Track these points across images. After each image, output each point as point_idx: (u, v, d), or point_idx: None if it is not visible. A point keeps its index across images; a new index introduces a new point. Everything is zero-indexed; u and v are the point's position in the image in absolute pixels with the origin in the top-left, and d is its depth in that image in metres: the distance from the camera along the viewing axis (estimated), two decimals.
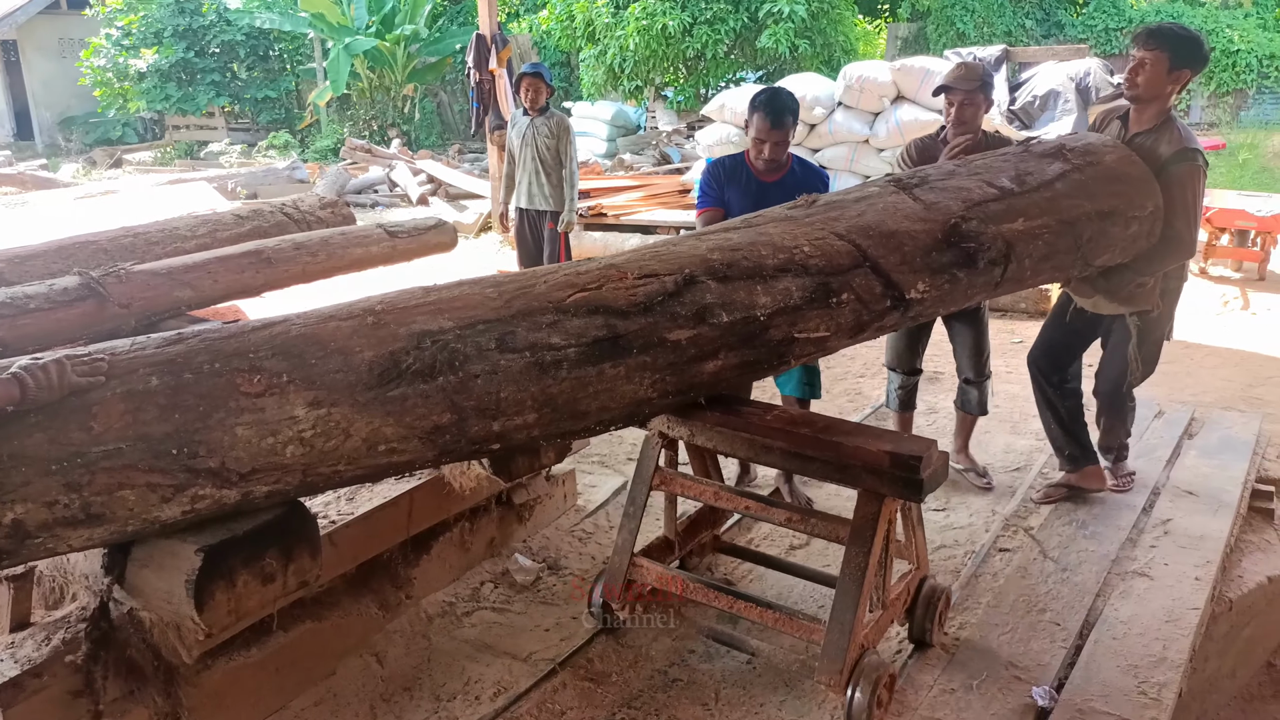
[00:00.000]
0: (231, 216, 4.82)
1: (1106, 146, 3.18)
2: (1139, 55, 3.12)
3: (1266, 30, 15.94)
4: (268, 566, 2.21)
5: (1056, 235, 2.86)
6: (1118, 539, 3.35)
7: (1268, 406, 4.73)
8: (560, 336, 2.07)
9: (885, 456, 2.27)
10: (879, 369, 5.46)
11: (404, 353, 1.96)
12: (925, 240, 2.59)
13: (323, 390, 1.91)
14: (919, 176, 2.87)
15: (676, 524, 2.96)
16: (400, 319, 2.02)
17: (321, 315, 2.04)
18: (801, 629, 2.50)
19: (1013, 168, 2.98)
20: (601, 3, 13.82)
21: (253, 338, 1.95)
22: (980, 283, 2.73)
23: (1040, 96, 7.72)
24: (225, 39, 19.09)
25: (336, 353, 1.94)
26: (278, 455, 1.89)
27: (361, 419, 1.92)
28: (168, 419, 1.81)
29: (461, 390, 1.98)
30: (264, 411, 1.87)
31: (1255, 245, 7.46)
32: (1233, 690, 3.38)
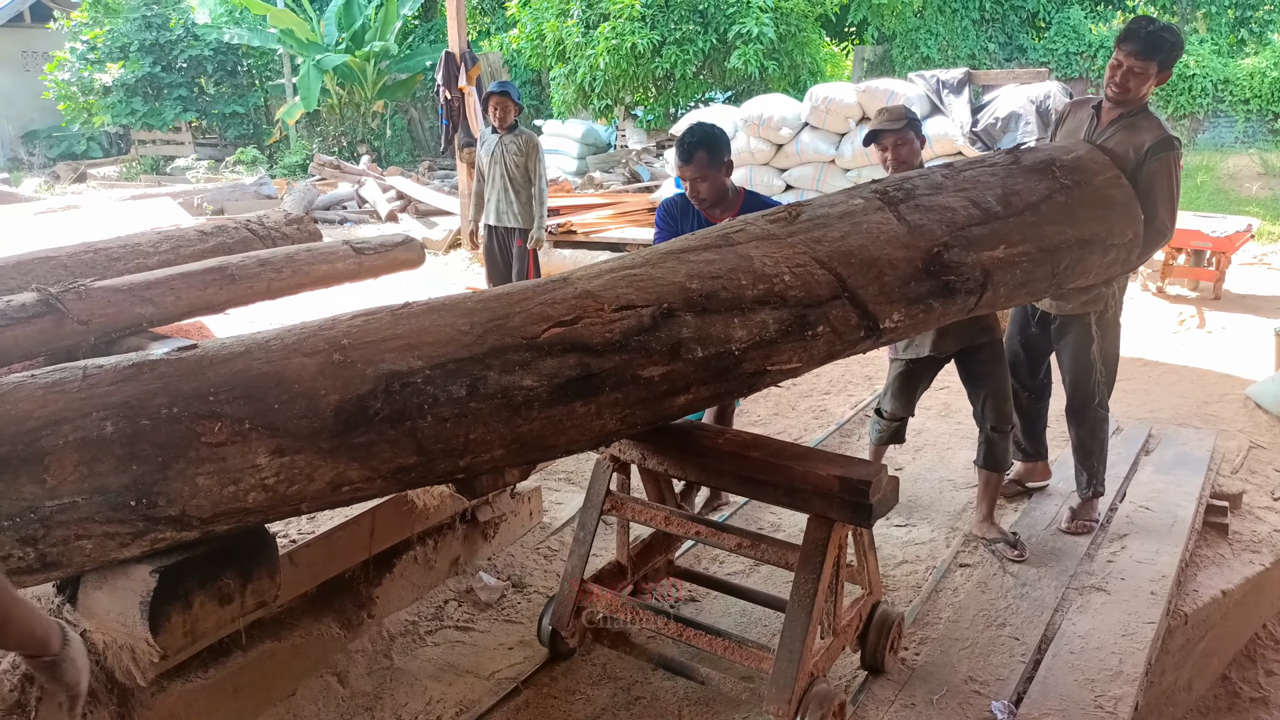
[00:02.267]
0: (195, 233, 4.79)
1: (1097, 164, 3.11)
2: (1129, 62, 3.08)
3: (1221, 56, 16.33)
4: (225, 587, 2.18)
5: (1035, 264, 2.81)
6: (1075, 554, 3.40)
7: (1222, 423, 4.82)
8: (533, 378, 1.99)
9: (835, 481, 2.25)
10: (844, 385, 5.51)
11: (372, 397, 1.89)
12: (906, 270, 2.52)
13: (286, 438, 1.84)
14: (905, 189, 2.76)
15: (629, 548, 2.91)
16: (368, 356, 1.94)
17: (285, 348, 1.96)
18: (751, 657, 2.46)
19: (1000, 184, 2.89)
20: (571, 22, 13.89)
21: (212, 375, 1.88)
22: (954, 311, 2.69)
23: (1002, 118, 7.85)
24: (193, 54, 18.96)
25: (301, 396, 1.87)
26: (240, 501, 1.85)
27: (326, 465, 1.87)
28: (125, 470, 1.75)
29: (429, 433, 1.93)
30: (225, 461, 1.82)
31: (1211, 265, 7.62)
32: (1189, 703, 3.43)
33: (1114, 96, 3.18)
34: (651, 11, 13.41)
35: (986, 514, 3.54)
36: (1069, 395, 3.56)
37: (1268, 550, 3.63)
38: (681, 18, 13.52)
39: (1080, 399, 3.52)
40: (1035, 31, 17.75)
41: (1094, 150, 3.17)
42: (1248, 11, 17.21)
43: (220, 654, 2.50)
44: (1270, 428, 4.81)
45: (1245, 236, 7.81)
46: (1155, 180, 3.13)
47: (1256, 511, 3.92)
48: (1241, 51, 16.76)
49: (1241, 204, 11.09)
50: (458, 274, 9.29)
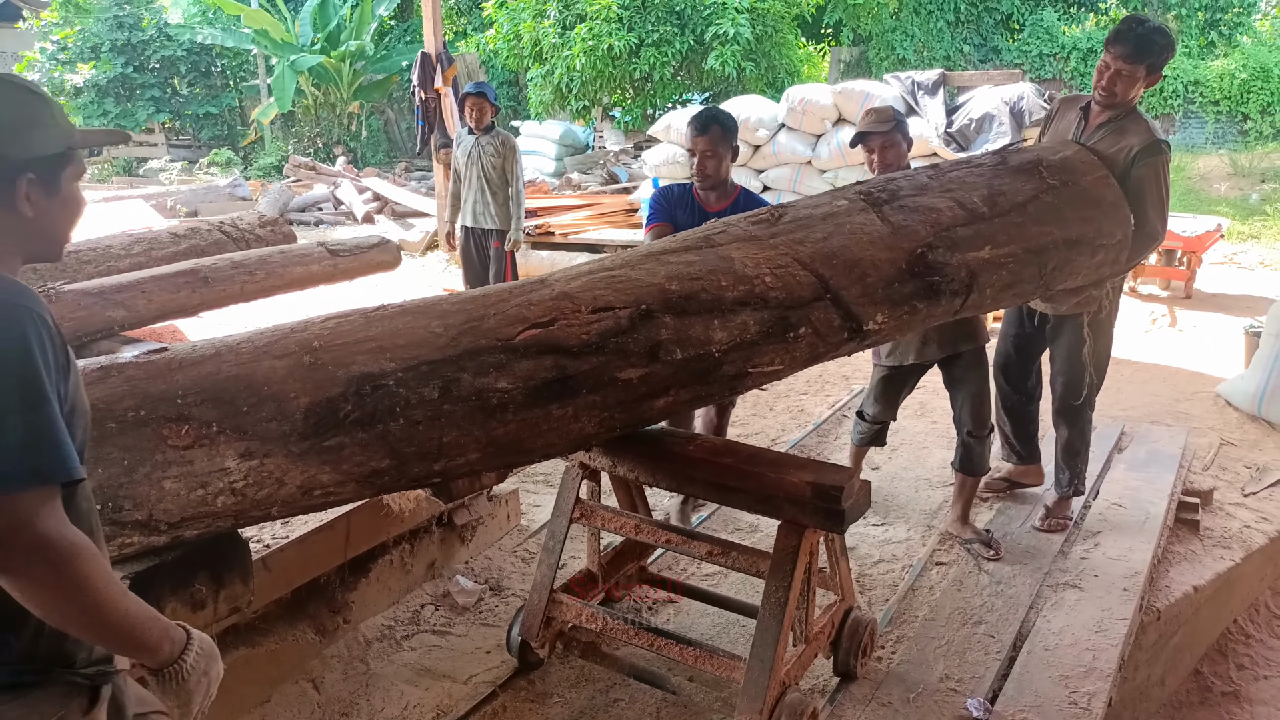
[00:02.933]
0: (167, 235, 4.75)
1: (1083, 164, 3.08)
2: (1117, 65, 3.05)
3: (1191, 58, 16.54)
4: (197, 593, 2.18)
5: (1022, 265, 2.78)
6: (1050, 551, 3.43)
7: (1193, 420, 4.89)
8: (508, 380, 1.98)
9: (807, 487, 2.23)
10: (822, 385, 5.53)
11: (342, 399, 1.87)
12: (889, 270, 2.49)
13: (255, 440, 1.83)
14: (890, 190, 2.74)
15: (600, 556, 2.88)
16: (339, 359, 1.92)
17: (255, 350, 1.95)
18: (722, 666, 2.43)
19: (986, 184, 2.85)
20: (548, 23, 13.87)
21: (180, 378, 1.87)
22: (939, 313, 2.67)
23: (976, 119, 7.91)
24: (166, 54, 18.79)
25: (270, 399, 1.86)
26: (208, 505, 1.84)
27: (296, 468, 1.86)
28: (90, 474, 1.70)
29: (401, 436, 1.91)
30: (193, 464, 1.81)
31: (1182, 264, 7.72)
32: (1162, 698, 3.47)
33: (1101, 99, 3.16)
34: (628, 13, 13.41)
35: (961, 514, 3.55)
36: (1059, 395, 3.54)
37: (1238, 546, 3.67)
38: (658, 19, 13.54)
39: (1071, 399, 3.51)
40: (1009, 33, 17.91)
41: (1082, 150, 3.13)
42: (1217, 14, 17.44)
43: None
44: (1240, 425, 4.88)
45: (1215, 236, 7.92)
46: (1144, 184, 3.12)
47: (1227, 508, 3.97)
48: (1211, 53, 16.98)
49: (1212, 204, 11.24)
50: (435, 276, 9.26)
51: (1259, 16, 18.22)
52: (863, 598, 3.22)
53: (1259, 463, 4.42)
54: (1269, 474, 4.29)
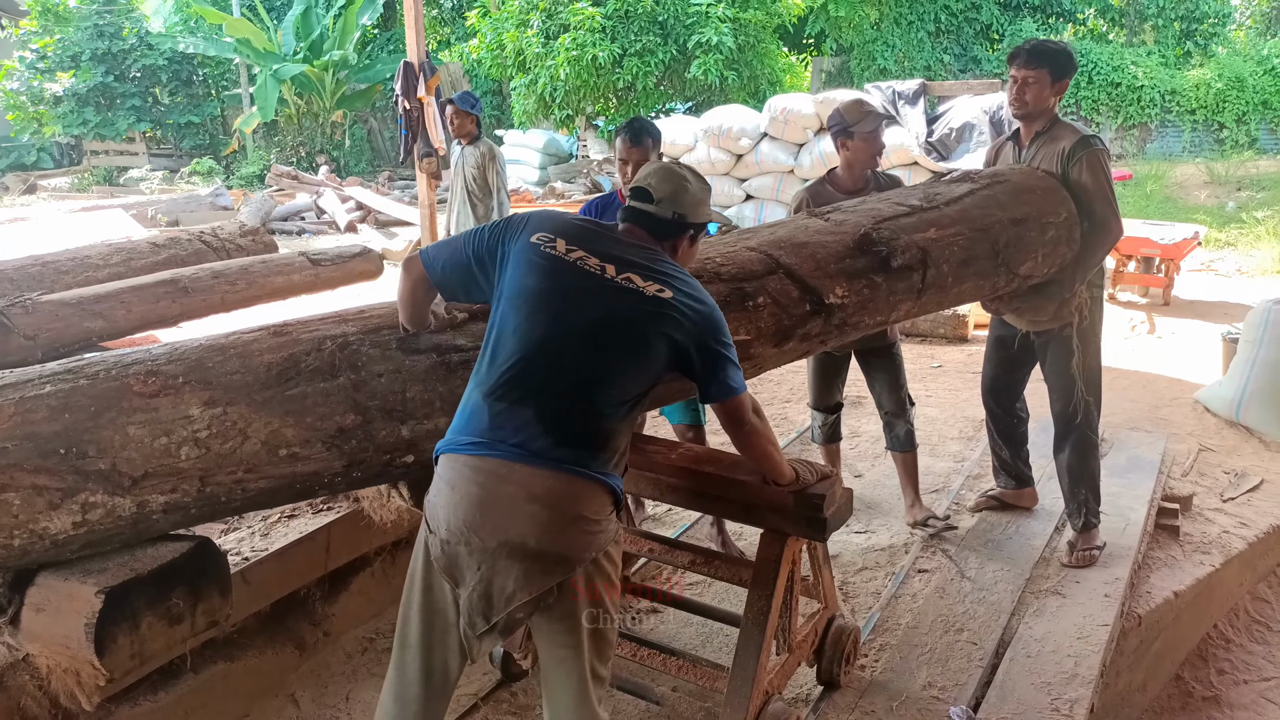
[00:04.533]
0: (147, 244, 4.72)
1: (1012, 169, 3.30)
2: (1021, 75, 3.18)
3: (1168, 67, 16.75)
4: (174, 607, 2.14)
5: (972, 241, 2.93)
6: (1031, 558, 3.45)
7: (1172, 427, 4.92)
8: (466, 338, 2.10)
9: (789, 495, 2.25)
10: (804, 393, 5.53)
11: (304, 354, 1.97)
12: (837, 248, 2.66)
13: (219, 390, 1.89)
14: (831, 207, 2.97)
15: None
16: (302, 329, 2.05)
17: (226, 333, 2.07)
18: (705, 676, 2.44)
19: (921, 191, 3.09)
20: (531, 33, 13.88)
21: (155, 350, 1.98)
22: (901, 288, 2.76)
23: (956, 129, 7.98)
24: (147, 63, 18.69)
25: (235, 356, 1.95)
26: (172, 457, 1.86)
27: (259, 419, 1.90)
28: (57, 419, 1.79)
29: (363, 389, 1.97)
30: (157, 411, 1.85)
31: (1160, 271, 7.79)
32: (1143, 704, 3.48)
33: (1016, 112, 3.26)
34: (612, 23, 13.45)
35: (914, 499, 3.70)
36: (1057, 415, 3.47)
37: (1217, 551, 3.70)
38: (641, 29, 13.58)
39: (1065, 418, 3.43)
40: (989, 43, 18.07)
41: (1008, 164, 3.34)
42: (1193, 24, 17.67)
43: (170, 676, 2.44)
44: (1219, 431, 4.91)
45: (1193, 244, 8.00)
46: (1084, 180, 3.19)
47: (1206, 513, 4.00)
48: (1188, 63, 17.19)
49: (1189, 212, 11.35)
50: None
51: (1233, 27, 18.46)
52: (846, 605, 3.22)
53: (1237, 468, 4.45)
54: (1247, 479, 4.32)
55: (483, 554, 1.78)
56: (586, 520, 1.81)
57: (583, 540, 1.81)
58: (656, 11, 13.66)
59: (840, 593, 3.31)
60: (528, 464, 1.78)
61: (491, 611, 1.80)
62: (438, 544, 1.83)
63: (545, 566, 1.78)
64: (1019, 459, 3.79)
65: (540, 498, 1.77)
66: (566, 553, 1.80)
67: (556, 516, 1.78)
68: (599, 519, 1.83)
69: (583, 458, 1.82)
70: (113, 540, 1.96)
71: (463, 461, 1.82)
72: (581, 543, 1.81)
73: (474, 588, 1.80)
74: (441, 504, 1.83)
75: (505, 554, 1.77)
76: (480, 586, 1.79)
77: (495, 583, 1.78)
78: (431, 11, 20.18)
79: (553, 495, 1.78)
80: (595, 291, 1.86)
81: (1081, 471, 3.46)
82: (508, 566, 1.77)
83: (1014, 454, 3.78)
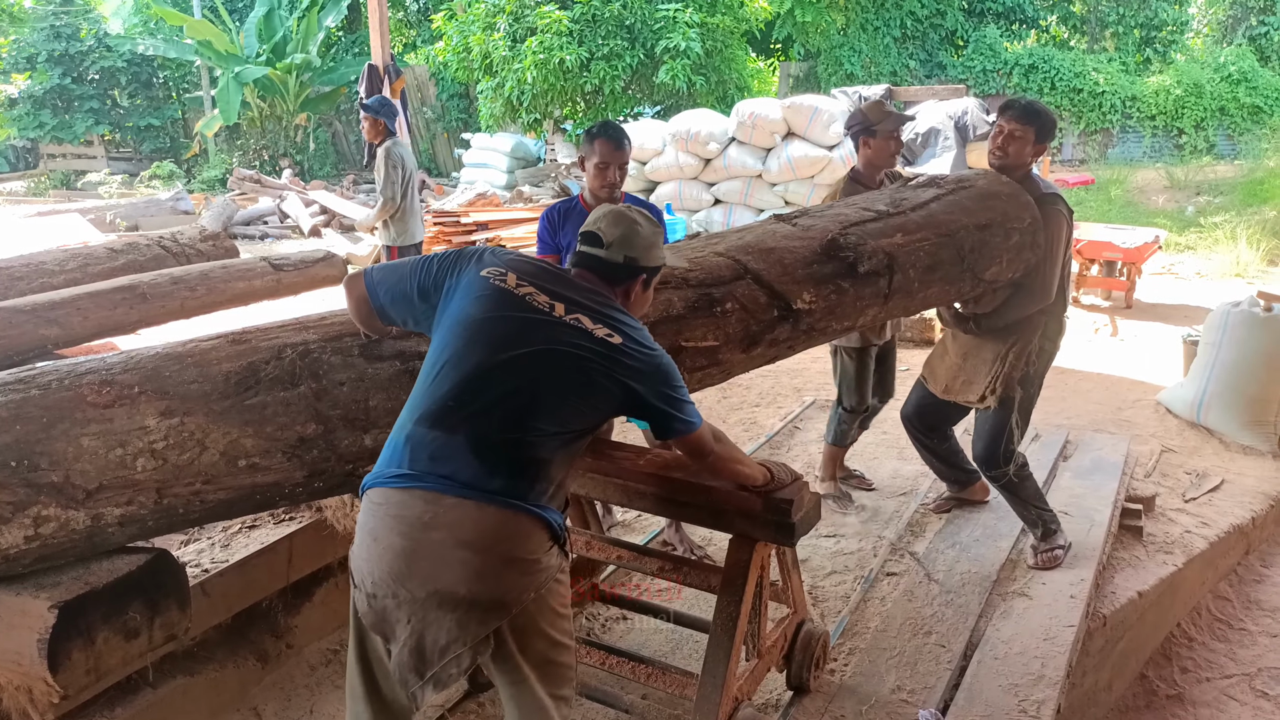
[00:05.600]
0: (104, 250, 4.64)
1: (977, 174, 3.34)
2: (1009, 128, 3.21)
3: (1129, 74, 17.03)
4: (131, 621, 2.09)
5: (938, 246, 2.94)
6: (998, 560, 3.47)
7: (1135, 428, 4.98)
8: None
9: (757, 500, 2.23)
10: (774, 397, 5.55)
11: (263, 362, 1.93)
12: (805, 254, 2.66)
13: (176, 400, 1.85)
14: (798, 211, 2.97)
15: None
16: (262, 336, 2.01)
17: (184, 340, 2.02)
18: (674, 683, 2.42)
19: (888, 197, 3.11)
20: (498, 36, 13.82)
21: (110, 360, 1.93)
22: (868, 294, 2.77)
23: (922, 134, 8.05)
24: (105, 65, 18.39)
25: (193, 365, 1.91)
26: (128, 469, 1.81)
27: (218, 429, 1.86)
28: (8, 430, 1.75)
29: (325, 397, 1.93)
30: (112, 422, 1.81)
31: (1122, 275, 7.90)
32: (1109, 703, 3.51)
33: (994, 161, 3.29)
34: (579, 27, 13.43)
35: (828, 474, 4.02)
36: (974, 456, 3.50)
37: (1180, 551, 3.74)
38: (609, 33, 13.57)
39: (985, 463, 3.44)
40: (954, 49, 18.27)
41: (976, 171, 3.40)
42: (1152, 32, 17.99)
43: (128, 691, 2.38)
44: (1180, 432, 4.99)
45: (1154, 247, 8.13)
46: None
47: (1169, 514, 4.05)
48: (1147, 70, 17.50)
49: (1150, 216, 11.53)
50: None
51: (1191, 35, 18.82)
52: (815, 610, 3.22)
53: (1198, 469, 4.52)
54: (1208, 479, 4.39)
55: (412, 606, 1.68)
56: (522, 561, 1.72)
57: (520, 582, 1.72)
58: (624, 16, 13.66)
59: (810, 597, 3.31)
60: (459, 496, 1.69)
61: (425, 666, 1.71)
62: (364, 599, 1.74)
63: (480, 615, 1.69)
64: (957, 466, 3.82)
65: (470, 542, 1.68)
66: (503, 598, 1.71)
67: (489, 561, 1.69)
68: (536, 557, 1.75)
69: (516, 489, 1.73)
70: (67, 554, 1.92)
71: (387, 504, 1.72)
72: (518, 585, 1.72)
73: (405, 642, 1.70)
74: (365, 556, 1.74)
75: (436, 604, 1.67)
76: (411, 641, 1.70)
77: (428, 635, 1.69)
78: (397, 14, 20.06)
79: (484, 538, 1.69)
80: (540, 325, 1.82)
81: (1025, 497, 3.46)
82: (439, 617, 1.68)
83: (948, 464, 3.82)
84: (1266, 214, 10.36)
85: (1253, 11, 17.73)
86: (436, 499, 1.69)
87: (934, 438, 3.74)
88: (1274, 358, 4.71)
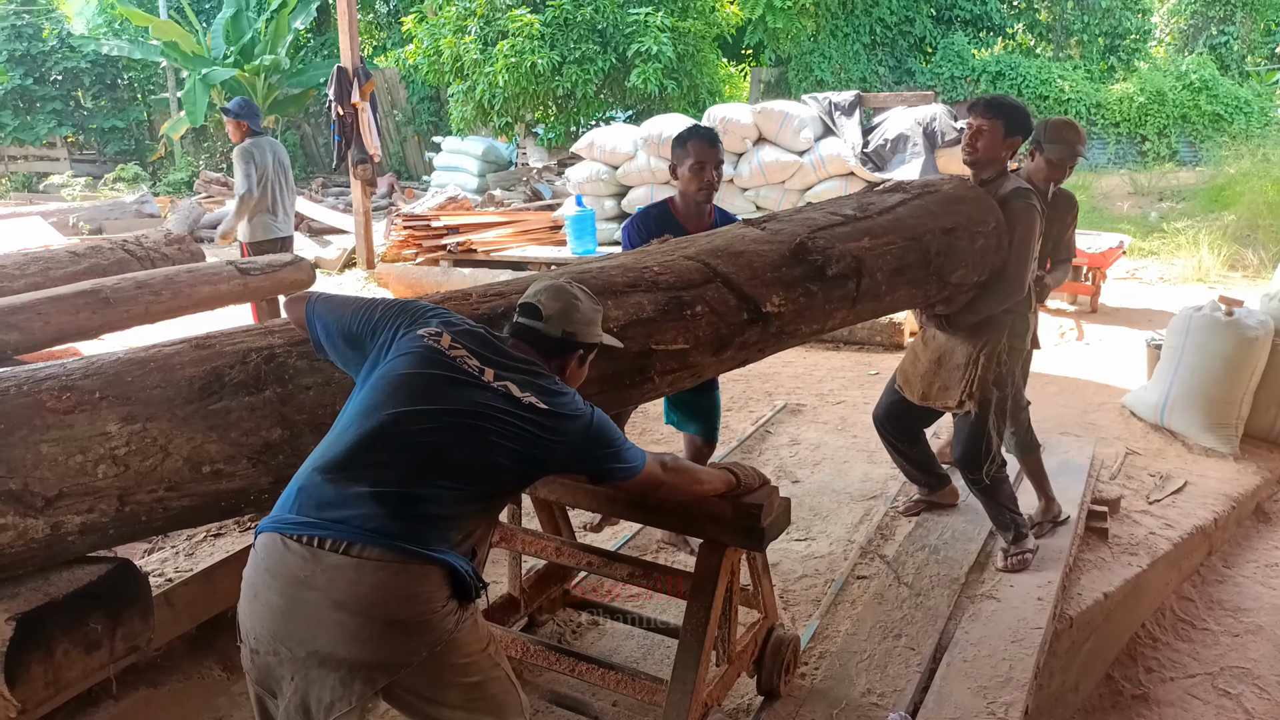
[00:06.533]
0: (66, 253, 4.56)
1: (943, 179, 3.36)
2: (976, 123, 3.23)
3: (1094, 81, 17.28)
4: (92, 633, 2.06)
5: (904, 250, 2.96)
6: (966, 563, 3.49)
7: (1101, 431, 5.05)
8: None
9: (727, 506, 2.22)
10: (746, 401, 5.57)
11: (228, 367, 1.91)
12: (773, 257, 2.67)
13: (138, 405, 1.83)
14: (767, 215, 2.99)
15: (522, 580, 2.84)
16: (226, 341, 1.99)
17: (146, 345, 2.00)
18: (644, 690, 2.40)
19: (855, 201, 3.14)
20: (469, 39, 13.77)
21: (70, 366, 1.89)
22: (837, 297, 2.79)
23: (891, 140, 8.11)
24: (68, 66, 18.14)
25: (155, 370, 1.88)
26: (88, 475, 1.78)
27: (181, 435, 1.83)
28: None
29: (291, 402, 1.91)
30: (73, 428, 1.78)
31: (1088, 280, 8.00)
32: (1075, 703, 3.55)
33: (966, 158, 3.30)
34: (551, 30, 13.41)
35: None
36: (954, 459, 3.53)
37: (1145, 552, 3.79)
38: (581, 37, 13.57)
39: (965, 465, 3.45)
40: (923, 56, 18.45)
41: (940, 175, 3.35)
42: (1116, 40, 18.27)
43: (89, 704, 2.35)
44: (1145, 435, 5.05)
45: (1118, 252, 8.25)
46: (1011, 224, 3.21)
47: (1134, 515, 4.10)
48: (1111, 78, 17.76)
49: (1114, 221, 11.70)
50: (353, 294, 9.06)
51: (1154, 43, 19.14)
52: (786, 613, 3.23)
53: (1162, 471, 4.58)
54: (1172, 481, 4.45)
55: (294, 664, 1.62)
56: (405, 624, 1.62)
57: (406, 644, 1.63)
58: (596, 20, 13.67)
59: (781, 601, 3.31)
60: (342, 552, 1.59)
61: None
62: (248, 654, 1.68)
63: (365, 675, 1.62)
64: (927, 470, 3.86)
65: (346, 604, 1.58)
66: (387, 660, 1.63)
67: (367, 624, 1.59)
68: (424, 618, 1.63)
69: (417, 535, 1.64)
70: (26, 564, 1.88)
71: (267, 558, 1.65)
72: (405, 647, 1.63)
73: (290, 699, 1.64)
74: (247, 611, 1.68)
75: (318, 663, 1.61)
76: (296, 699, 1.64)
77: (311, 693, 1.62)
78: (367, 16, 19.93)
79: (360, 601, 1.59)
80: (464, 386, 1.77)
81: (999, 499, 3.48)
82: (322, 675, 1.61)
83: (919, 468, 3.85)
84: (1227, 220, 10.54)
85: (1213, 21, 18.07)
86: (315, 556, 1.61)
87: (905, 440, 3.76)
88: (1235, 361, 4.78)
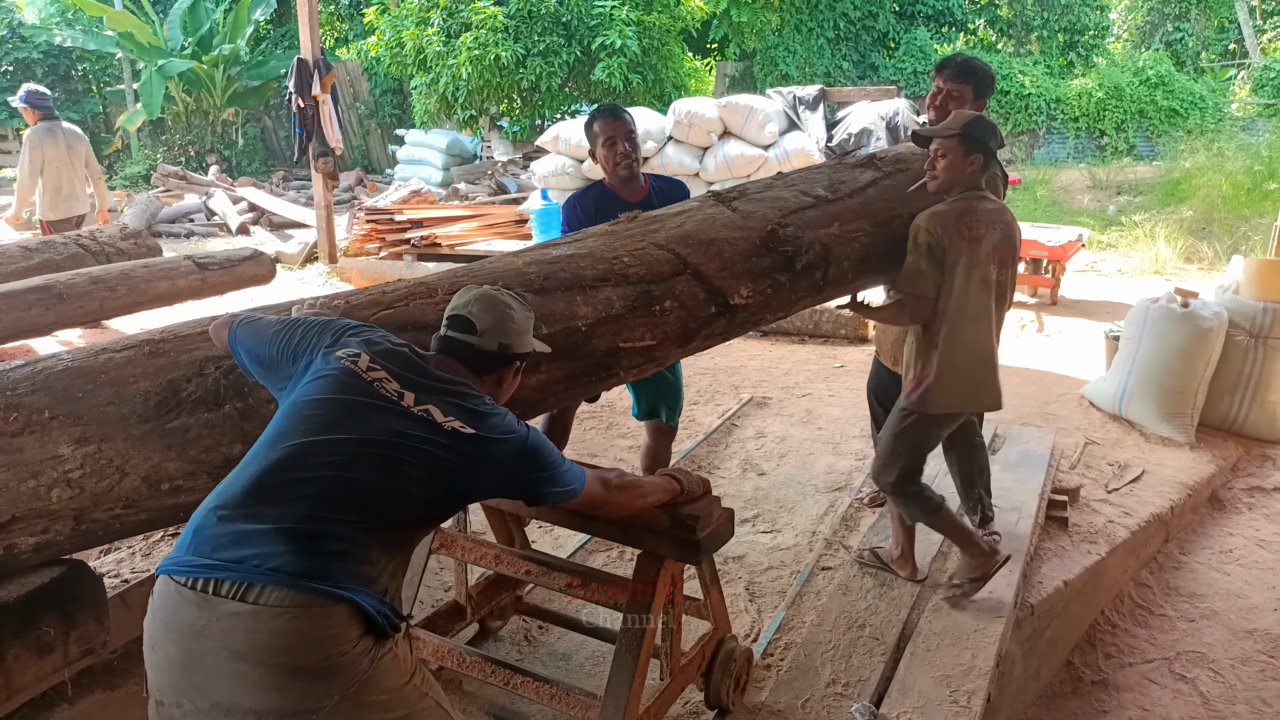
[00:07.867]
0: (17, 249, 4.46)
1: (915, 155, 3.28)
2: (947, 87, 3.23)
3: (1053, 76, 17.50)
4: (44, 636, 2.02)
5: (872, 238, 2.94)
6: (930, 552, 3.53)
7: (1060, 421, 5.12)
8: None
9: (664, 516, 2.17)
10: (712, 395, 5.58)
11: (184, 380, 1.85)
12: (744, 246, 2.64)
13: (91, 425, 1.77)
14: (737, 190, 2.91)
15: (469, 587, 2.78)
16: (181, 347, 1.91)
17: (94, 350, 1.92)
18: (577, 704, 2.32)
19: (826, 178, 3.07)
20: (432, 31, 13.63)
21: (13, 375, 1.82)
22: (804, 287, 2.78)
23: (855, 133, 8.16)
24: (20, 56, 17.70)
25: (108, 384, 1.82)
26: (42, 500, 1.73)
27: (138, 454, 1.78)
28: None
29: (252, 417, 1.87)
30: (22, 452, 1.73)
31: (1048, 272, 8.11)
32: (1037, 690, 3.60)
33: (934, 120, 3.29)
34: (514, 23, 13.33)
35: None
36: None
37: (1103, 541, 3.85)
38: (545, 29, 13.49)
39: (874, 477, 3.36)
40: (886, 51, 18.58)
41: (912, 147, 3.30)
42: (1075, 36, 18.51)
43: (42, 708, 2.28)
44: (1103, 425, 5.13)
45: (1077, 245, 8.36)
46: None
47: (1093, 504, 4.17)
48: (1071, 73, 18.00)
49: (1074, 215, 11.87)
50: (315, 289, 8.95)
51: (1112, 40, 19.42)
52: (753, 605, 3.24)
53: (1120, 460, 4.66)
54: (1129, 470, 4.53)
55: (198, 716, 1.55)
56: (310, 670, 1.53)
57: (314, 689, 1.53)
58: (560, 12, 13.60)
59: (747, 593, 3.33)
60: (255, 583, 1.51)
61: None
62: (153, 707, 1.61)
63: None
64: None
65: (246, 654, 1.50)
66: (296, 707, 1.53)
67: (269, 673, 1.51)
68: (331, 662, 1.54)
69: (326, 573, 1.55)
70: None
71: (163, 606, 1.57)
72: (313, 692, 1.53)
73: None
74: (149, 662, 1.61)
75: (222, 714, 1.53)
76: None
77: None
78: (328, 7, 19.68)
79: (258, 650, 1.50)
80: (379, 413, 1.69)
81: (972, 470, 3.54)
82: None
83: None
84: (1183, 213, 10.74)
85: (1169, 18, 18.37)
86: (208, 603, 1.53)
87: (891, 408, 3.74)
88: (1190, 352, 4.87)
